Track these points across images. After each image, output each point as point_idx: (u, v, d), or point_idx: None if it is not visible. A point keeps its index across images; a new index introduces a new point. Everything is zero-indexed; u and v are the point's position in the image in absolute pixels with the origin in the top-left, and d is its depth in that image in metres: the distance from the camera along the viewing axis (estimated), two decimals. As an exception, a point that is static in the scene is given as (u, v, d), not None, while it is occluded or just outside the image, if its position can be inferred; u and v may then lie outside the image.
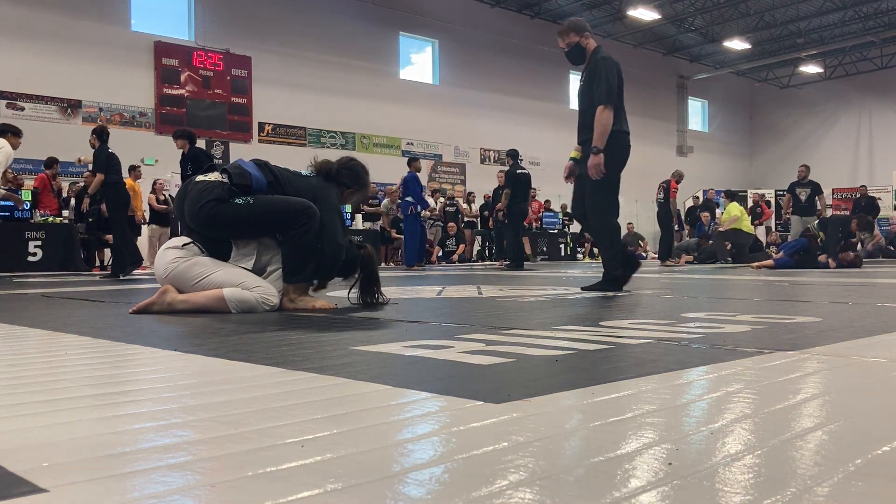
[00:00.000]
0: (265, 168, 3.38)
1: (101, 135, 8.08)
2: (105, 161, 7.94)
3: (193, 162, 7.80)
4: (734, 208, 12.78)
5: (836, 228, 10.99)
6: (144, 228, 12.19)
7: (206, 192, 3.23)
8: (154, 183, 12.14)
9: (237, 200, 3.20)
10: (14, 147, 8.04)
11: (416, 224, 11.37)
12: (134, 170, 11.53)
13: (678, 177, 13.05)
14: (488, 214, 14.79)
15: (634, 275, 4.86)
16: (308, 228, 3.21)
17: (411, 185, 11.22)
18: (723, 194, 13.92)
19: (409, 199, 11.20)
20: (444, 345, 1.93)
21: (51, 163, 11.44)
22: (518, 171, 10.98)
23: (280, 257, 3.32)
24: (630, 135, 4.80)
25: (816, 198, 12.00)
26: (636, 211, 22.42)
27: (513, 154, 11.31)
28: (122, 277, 7.72)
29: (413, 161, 11.68)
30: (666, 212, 12.72)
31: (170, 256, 3.29)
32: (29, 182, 11.96)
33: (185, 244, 3.31)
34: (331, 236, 3.31)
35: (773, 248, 14.57)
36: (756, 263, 10.00)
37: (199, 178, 3.32)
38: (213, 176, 3.31)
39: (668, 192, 12.76)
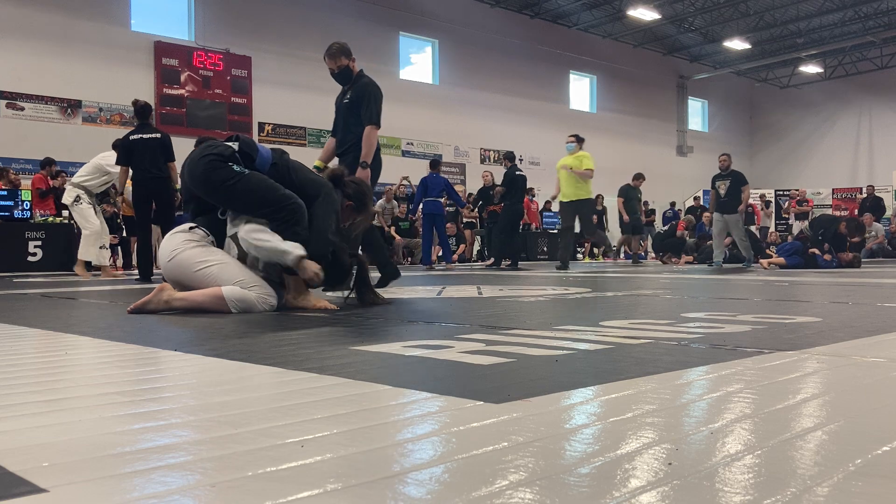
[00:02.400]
0: (278, 155, 3.44)
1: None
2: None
3: None
4: (588, 159, 9.77)
5: (818, 229, 11.00)
6: None
7: (211, 147, 3.29)
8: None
9: (234, 167, 3.23)
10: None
11: (443, 224, 11.56)
12: None
13: (637, 178, 13.52)
14: (476, 214, 14.93)
15: (636, 275, 4.85)
16: (293, 221, 3.22)
17: (447, 186, 11.42)
18: (572, 138, 10.00)
19: (440, 199, 11.37)
20: (444, 345, 1.93)
21: (46, 163, 11.42)
22: (517, 173, 11.05)
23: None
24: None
25: (742, 188, 10.93)
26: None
27: (510, 156, 11.44)
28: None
29: (438, 163, 11.79)
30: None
31: (177, 240, 3.29)
32: (27, 182, 11.95)
33: (191, 227, 3.32)
34: (319, 230, 3.30)
35: (772, 248, 14.57)
36: (766, 261, 9.97)
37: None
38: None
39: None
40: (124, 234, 11.82)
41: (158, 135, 7.04)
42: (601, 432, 1.02)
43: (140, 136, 6.99)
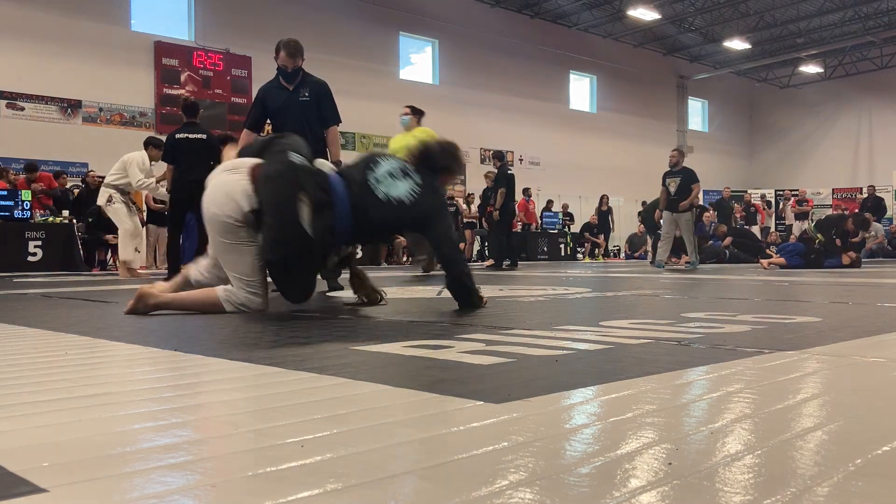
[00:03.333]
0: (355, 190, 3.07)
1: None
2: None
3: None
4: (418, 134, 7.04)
5: (829, 229, 10.97)
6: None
7: (308, 172, 2.98)
8: (152, 183, 12.13)
9: (303, 198, 2.91)
10: (153, 159, 7.86)
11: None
12: None
13: None
14: (478, 215, 14.91)
15: (636, 275, 4.87)
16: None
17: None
18: (407, 109, 7.92)
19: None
20: (444, 345, 1.93)
21: (31, 167, 11.41)
22: (508, 172, 11.09)
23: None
24: None
25: (692, 186, 10.25)
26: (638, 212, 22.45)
27: (499, 155, 11.42)
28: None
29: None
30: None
31: (235, 201, 2.98)
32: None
33: (253, 209, 2.96)
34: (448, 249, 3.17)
35: (772, 248, 14.57)
36: (766, 261, 9.94)
37: (297, 156, 3.04)
38: (323, 166, 3.20)
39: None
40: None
41: (204, 136, 6.77)
42: (601, 432, 1.02)
43: (185, 135, 6.76)
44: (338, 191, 3.01)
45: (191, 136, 6.75)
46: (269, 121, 5.02)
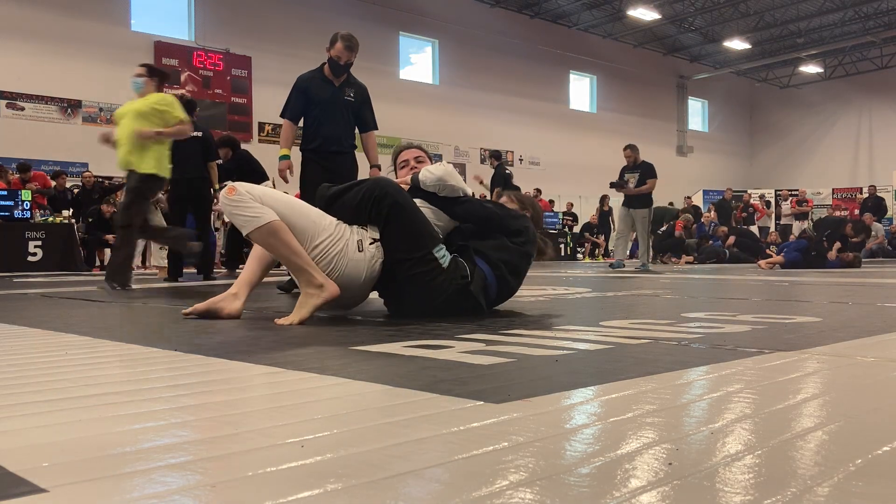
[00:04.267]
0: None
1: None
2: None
3: (238, 171, 7.17)
4: (168, 105, 5.27)
5: (823, 230, 10.95)
6: None
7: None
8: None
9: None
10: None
11: None
12: None
13: None
14: None
15: (636, 275, 4.87)
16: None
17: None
18: (141, 69, 5.37)
19: None
20: (444, 345, 1.93)
21: (24, 168, 11.40)
22: (506, 171, 11.09)
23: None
24: None
25: (647, 181, 9.97)
26: (637, 212, 22.46)
27: (497, 154, 11.38)
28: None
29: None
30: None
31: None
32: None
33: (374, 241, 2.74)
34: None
35: (773, 247, 14.57)
36: (764, 262, 9.94)
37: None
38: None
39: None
40: None
41: (199, 133, 6.71)
42: (601, 432, 1.02)
43: None
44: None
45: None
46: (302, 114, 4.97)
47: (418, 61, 20.58)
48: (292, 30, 17.21)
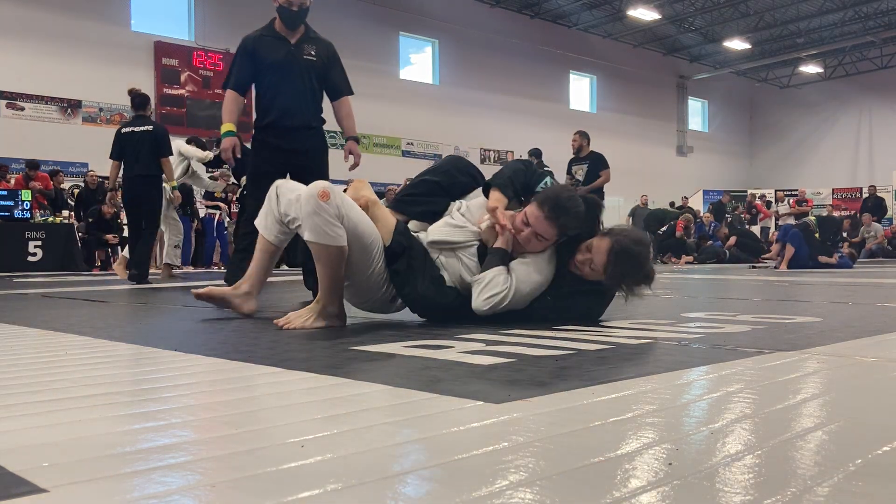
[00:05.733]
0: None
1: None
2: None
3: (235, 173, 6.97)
4: None
5: (827, 231, 10.79)
6: None
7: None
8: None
9: None
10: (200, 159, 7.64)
11: None
12: None
13: None
14: None
15: None
16: None
17: None
18: None
19: None
20: (444, 345, 1.93)
21: (33, 165, 11.40)
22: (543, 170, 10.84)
23: None
24: None
25: (601, 173, 8.99)
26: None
27: (536, 153, 10.73)
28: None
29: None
30: None
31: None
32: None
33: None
34: None
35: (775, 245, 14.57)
36: (771, 254, 9.60)
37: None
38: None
39: None
40: (125, 233, 11.82)
41: (150, 127, 6.43)
42: (601, 432, 1.02)
43: (132, 129, 6.44)
44: None
45: (136, 129, 6.44)
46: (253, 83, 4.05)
47: (418, 61, 20.58)
48: (292, 30, 17.20)
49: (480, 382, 1.40)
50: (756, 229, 16.90)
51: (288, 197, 2.62)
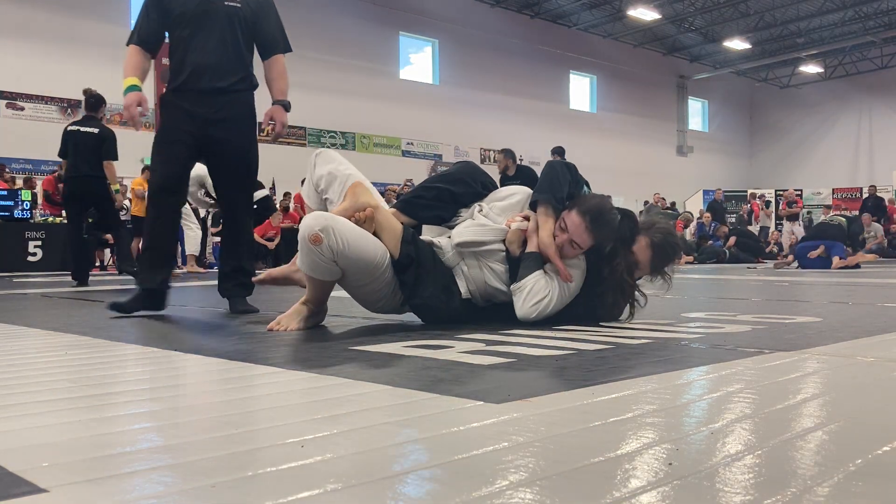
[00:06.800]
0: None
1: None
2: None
3: None
4: None
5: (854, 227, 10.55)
6: None
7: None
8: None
9: None
10: None
11: None
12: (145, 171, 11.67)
13: None
14: None
15: None
16: None
17: None
18: None
19: None
20: (444, 345, 1.93)
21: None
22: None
23: None
24: None
25: None
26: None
27: (559, 151, 10.85)
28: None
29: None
30: None
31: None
32: (20, 182, 11.93)
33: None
34: None
35: (774, 246, 14.56)
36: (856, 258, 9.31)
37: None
38: None
39: None
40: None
41: (96, 130, 6.49)
42: (601, 432, 1.02)
43: (77, 128, 6.50)
44: None
45: (82, 129, 6.49)
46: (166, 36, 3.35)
47: (418, 61, 20.58)
48: (292, 30, 17.08)
49: (480, 382, 1.40)
50: (754, 229, 16.90)
51: (322, 170, 2.66)
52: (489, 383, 1.39)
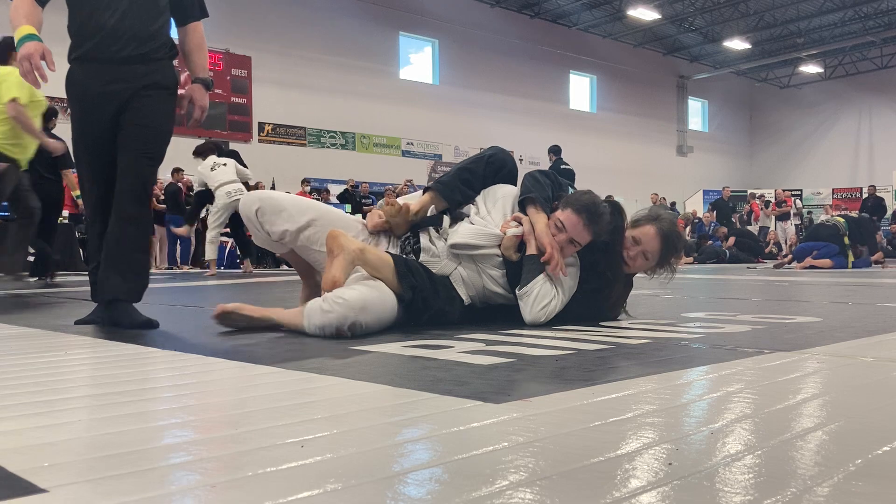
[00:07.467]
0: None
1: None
2: None
3: None
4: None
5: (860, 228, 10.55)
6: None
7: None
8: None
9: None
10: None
11: None
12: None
13: None
14: None
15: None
16: None
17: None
18: None
19: None
20: (444, 345, 1.93)
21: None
22: (562, 169, 10.93)
23: None
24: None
25: None
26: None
27: (555, 150, 11.00)
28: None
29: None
30: None
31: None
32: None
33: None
34: None
35: (781, 246, 14.56)
36: (797, 264, 9.40)
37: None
38: None
39: None
40: None
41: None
42: (601, 432, 1.02)
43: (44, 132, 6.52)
44: None
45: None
46: None
47: (418, 61, 20.57)
48: (292, 30, 17.21)
49: (480, 382, 1.40)
50: (753, 229, 16.89)
51: (277, 228, 2.55)
52: (489, 383, 1.39)
